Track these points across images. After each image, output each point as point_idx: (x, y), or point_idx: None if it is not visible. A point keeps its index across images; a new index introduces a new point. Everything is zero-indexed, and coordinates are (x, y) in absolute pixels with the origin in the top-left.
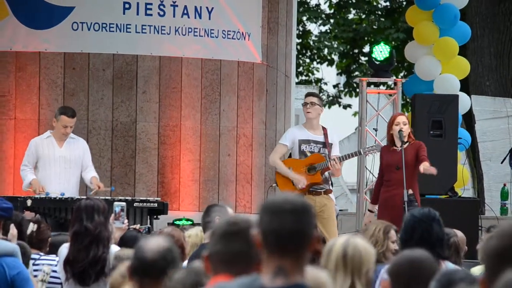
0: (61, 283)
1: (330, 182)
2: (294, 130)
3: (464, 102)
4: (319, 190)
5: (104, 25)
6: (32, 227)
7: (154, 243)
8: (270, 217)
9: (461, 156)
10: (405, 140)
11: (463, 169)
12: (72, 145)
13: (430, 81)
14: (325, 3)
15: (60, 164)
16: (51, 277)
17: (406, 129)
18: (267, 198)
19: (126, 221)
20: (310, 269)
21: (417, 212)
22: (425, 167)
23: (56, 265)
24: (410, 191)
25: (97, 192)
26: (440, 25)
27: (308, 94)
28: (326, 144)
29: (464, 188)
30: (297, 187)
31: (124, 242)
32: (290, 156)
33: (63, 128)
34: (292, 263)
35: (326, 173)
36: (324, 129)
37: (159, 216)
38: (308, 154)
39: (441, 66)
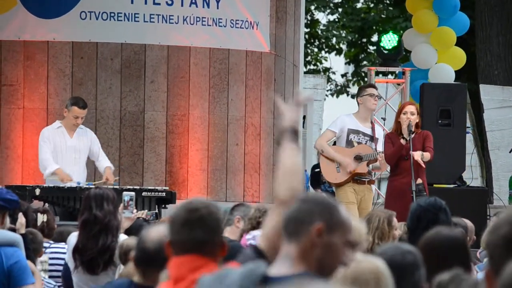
0: (61, 271)
1: (372, 174)
2: (344, 118)
3: None
4: (364, 179)
5: (112, 14)
6: (42, 217)
7: (155, 233)
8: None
9: (468, 145)
10: (413, 132)
11: None
12: (81, 136)
13: (425, 70)
14: None
15: (70, 154)
16: (57, 265)
17: (414, 119)
18: None
19: (135, 211)
20: (366, 258)
21: (423, 201)
22: (416, 156)
23: (65, 253)
24: (419, 181)
25: (105, 183)
26: (440, 14)
27: (372, 86)
28: (373, 138)
29: (473, 177)
30: (345, 170)
31: (130, 230)
32: (334, 143)
33: (74, 119)
34: (296, 250)
35: (370, 166)
36: (372, 123)
37: (167, 205)
38: (355, 144)
39: (438, 55)
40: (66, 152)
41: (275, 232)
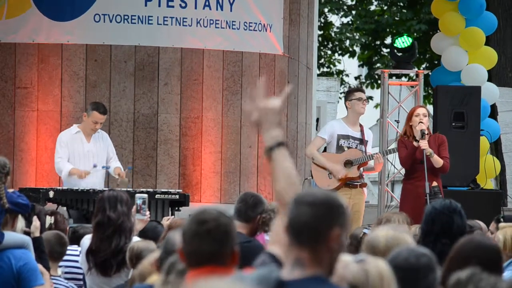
0: (83, 274)
1: (364, 177)
2: (334, 124)
3: (492, 92)
4: (356, 183)
5: (126, 17)
6: (49, 220)
7: None
8: (292, 208)
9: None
10: (425, 134)
11: (494, 159)
12: (98, 140)
13: (457, 72)
14: None
15: (88, 159)
16: (74, 267)
17: (426, 121)
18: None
19: (148, 213)
20: (372, 260)
21: (438, 204)
22: (423, 145)
23: (78, 255)
24: (435, 183)
25: (119, 183)
26: (466, 15)
27: (359, 90)
28: (363, 141)
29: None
30: (335, 178)
31: (145, 232)
32: (325, 150)
33: (93, 124)
34: (309, 255)
35: (361, 169)
36: (361, 125)
37: (180, 208)
38: (346, 149)
39: (468, 56)
40: (84, 157)
41: None
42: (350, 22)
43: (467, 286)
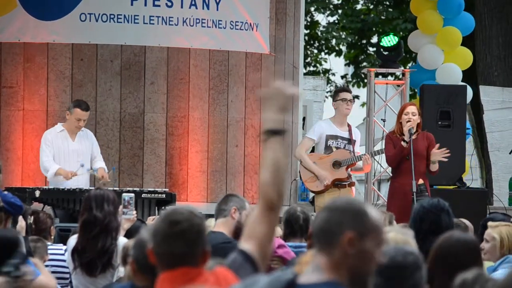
0: (69, 273)
1: (351, 177)
2: (322, 124)
3: (468, 91)
4: (344, 183)
5: (112, 16)
6: (29, 219)
7: None
8: (316, 214)
9: (467, 146)
10: (413, 133)
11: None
12: (83, 138)
13: (432, 71)
14: None
15: (73, 158)
16: (59, 266)
17: (416, 120)
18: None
19: (134, 212)
20: (396, 228)
21: (426, 202)
22: (435, 157)
23: (63, 254)
24: (421, 181)
25: (104, 183)
26: (444, 14)
27: (344, 90)
28: (351, 141)
29: (472, 178)
30: (322, 183)
31: (129, 232)
32: (313, 150)
33: (76, 121)
34: (326, 260)
35: (349, 169)
36: (349, 125)
37: (167, 207)
38: (334, 149)
39: (444, 55)
40: (69, 156)
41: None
42: (336, 21)
43: (473, 287)
